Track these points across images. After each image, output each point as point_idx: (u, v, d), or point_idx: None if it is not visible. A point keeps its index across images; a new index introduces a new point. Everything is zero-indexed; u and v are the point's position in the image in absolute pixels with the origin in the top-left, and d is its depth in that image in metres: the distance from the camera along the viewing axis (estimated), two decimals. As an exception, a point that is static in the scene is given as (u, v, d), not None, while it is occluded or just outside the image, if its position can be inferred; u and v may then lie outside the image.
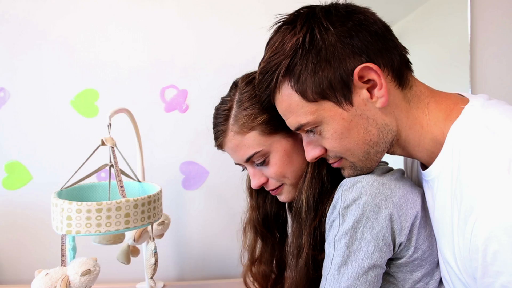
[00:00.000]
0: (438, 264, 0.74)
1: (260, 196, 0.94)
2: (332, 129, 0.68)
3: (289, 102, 0.69)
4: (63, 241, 0.79)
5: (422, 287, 0.73)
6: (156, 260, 0.87)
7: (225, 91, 1.29)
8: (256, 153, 0.80)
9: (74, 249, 0.85)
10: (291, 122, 0.71)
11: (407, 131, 0.70)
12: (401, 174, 0.76)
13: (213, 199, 1.34)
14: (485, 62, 1.39)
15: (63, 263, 0.79)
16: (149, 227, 0.99)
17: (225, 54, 1.31)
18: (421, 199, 0.73)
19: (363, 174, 0.72)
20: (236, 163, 0.88)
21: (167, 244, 1.32)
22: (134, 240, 1.00)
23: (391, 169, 0.77)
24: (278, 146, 0.80)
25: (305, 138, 0.74)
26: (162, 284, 1.28)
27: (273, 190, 0.85)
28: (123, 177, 0.95)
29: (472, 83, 1.38)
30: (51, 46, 1.30)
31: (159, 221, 1.00)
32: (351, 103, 0.67)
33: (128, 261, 1.01)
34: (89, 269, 0.75)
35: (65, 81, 1.31)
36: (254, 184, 0.84)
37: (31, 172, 1.33)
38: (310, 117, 0.68)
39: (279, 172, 0.81)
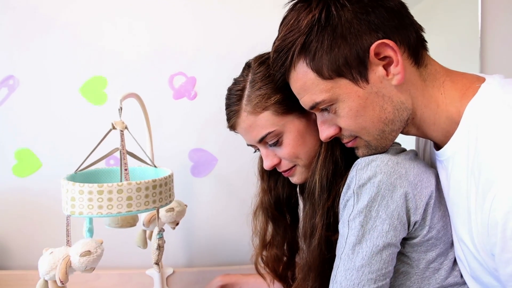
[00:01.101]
0: (452, 244, 0.74)
1: (271, 179, 0.94)
2: (347, 107, 0.68)
3: (304, 80, 0.69)
4: (68, 222, 0.80)
5: (436, 267, 0.73)
6: (160, 246, 0.86)
7: (232, 79, 1.29)
8: (269, 133, 0.80)
9: (90, 231, 0.85)
10: (306, 100, 0.71)
11: (422, 110, 0.70)
12: (415, 154, 0.76)
13: (222, 186, 1.35)
14: (496, 54, 1.37)
15: (68, 243, 0.79)
16: (162, 212, 1.00)
17: (233, 40, 1.31)
18: (435, 179, 0.73)
19: (377, 154, 0.72)
20: (248, 145, 0.88)
21: (176, 230, 1.32)
22: (143, 224, 1.00)
23: (404, 150, 0.76)
24: (292, 127, 0.80)
25: (319, 117, 0.74)
26: (172, 270, 1.28)
27: (285, 171, 0.84)
28: (138, 163, 0.96)
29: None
30: (60, 33, 1.30)
31: (168, 207, 1.00)
32: (366, 81, 0.66)
33: (144, 245, 1.01)
34: (89, 251, 0.75)
35: (74, 69, 1.31)
36: (267, 165, 0.84)
37: (40, 160, 1.33)
38: (325, 95, 0.68)
39: (292, 152, 0.80)
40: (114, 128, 0.89)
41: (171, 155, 1.32)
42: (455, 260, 0.75)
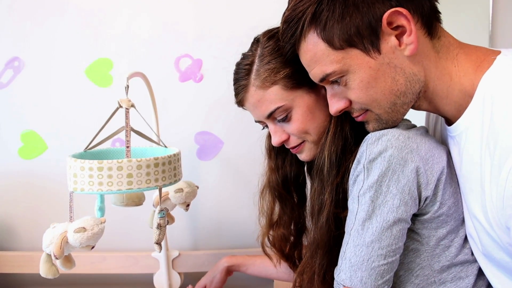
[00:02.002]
0: (463, 221, 0.74)
1: (279, 157, 0.93)
2: (358, 78, 0.67)
3: (315, 51, 0.68)
4: (71, 198, 0.80)
5: (447, 245, 0.72)
6: (160, 226, 0.85)
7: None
8: (278, 108, 0.79)
9: (101, 210, 0.85)
10: (316, 72, 0.70)
11: (435, 82, 0.68)
12: (426, 130, 0.75)
13: (228, 170, 1.34)
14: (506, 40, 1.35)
15: (71, 219, 0.79)
16: (171, 193, 0.99)
17: (239, 21, 1.29)
18: (447, 156, 0.72)
19: (387, 128, 0.71)
20: (256, 121, 0.87)
21: (182, 213, 1.32)
22: (153, 205, 0.99)
23: (414, 126, 0.75)
24: (301, 101, 0.79)
25: (329, 90, 0.73)
26: (177, 253, 1.29)
27: (294, 147, 0.84)
28: (150, 143, 0.95)
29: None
30: (65, 15, 1.29)
31: (176, 188, 0.99)
32: (378, 51, 0.65)
33: None
34: (83, 227, 0.75)
35: (79, 50, 1.30)
36: (275, 141, 0.83)
37: (46, 142, 1.33)
38: (336, 66, 0.67)
39: (301, 128, 0.79)
40: (120, 106, 0.89)
41: (177, 138, 1.32)
42: (465, 238, 0.74)
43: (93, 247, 0.80)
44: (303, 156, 0.84)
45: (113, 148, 1.01)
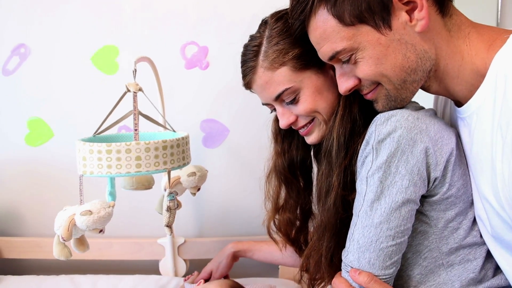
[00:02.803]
0: (472, 203, 0.73)
1: (286, 141, 0.93)
2: (368, 55, 0.66)
3: (324, 28, 0.67)
4: (80, 181, 0.80)
5: (455, 227, 0.72)
6: (170, 208, 0.86)
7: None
8: (286, 89, 0.78)
9: (111, 194, 0.86)
10: (325, 50, 0.69)
11: (446, 61, 0.68)
12: (434, 112, 0.75)
13: (233, 157, 1.34)
14: None
15: (81, 202, 0.80)
16: (183, 177, 0.99)
17: (246, 8, 1.28)
18: (456, 137, 0.72)
19: (397, 108, 0.71)
20: (263, 104, 0.86)
21: (187, 201, 1.33)
22: (164, 189, 1.00)
23: (423, 108, 0.75)
24: (309, 83, 0.78)
25: (338, 69, 0.73)
26: (183, 239, 1.29)
27: (303, 129, 0.84)
28: (159, 128, 0.95)
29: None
30: (71, 2, 1.29)
31: (189, 171, 0.99)
32: (389, 27, 0.65)
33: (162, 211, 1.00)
34: (89, 211, 0.75)
35: (85, 37, 1.30)
36: (283, 123, 0.83)
37: (52, 129, 1.33)
38: (346, 43, 0.66)
39: (309, 108, 0.79)
40: (128, 90, 0.89)
41: (183, 126, 1.30)
42: (474, 220, 0.74)
43: (101, 231, 0.80)
44: (312, 138, 0.84)
45: (121, 133, 1.01)
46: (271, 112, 0.89)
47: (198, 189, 1.03)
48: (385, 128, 0.68)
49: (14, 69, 1.31)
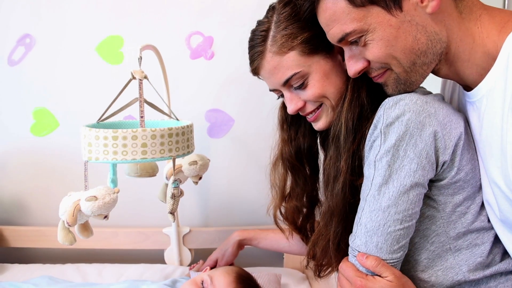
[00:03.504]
0: (479, 188, 0.73)
1: (292, 129, 0.93)
2: (378, 37, 0.66)
3: (334, 9, 0.67)
4: (85, 167, 0.80)
5: (463, 211, 0.72)
6: (174, 195, 0.86)
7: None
8: (295, 74, 0.78)
9: (113, 182, 0.86)
10: (335, 32, 0.69)
11: (457, 44, 0.67)
12: (442, 97, 0.74)
13: (238, 147, 1.34)
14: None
15: (85, 188, 0.80)
16: (185, 165, 0.99)
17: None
18: (464, 122, 0.72)
19: (406, 91, 0.71)
20: (271, 90, 0.86)
21: (192, 190, 1.33)
22: (166, 177, 1.00)
23: (430, 93, 0.75)
24: (318, 67, 0.78)
25: (347, 52, 0.72)
26: (188, 229, 1.30)
27: (311, 114, 0.83)
28: (162, 116, 0.95)
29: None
30: (76, -9, 1.29)
31: (191, 160, 1.00)
32: (400, 8, 0.64)
33: (165, 199, 1.01)
34: (95, 196, 0.75)
35: (90, 28, 1.30)
36: (291, 109, 0.83)
37: (58, 119, 1.34)
38: (356, 25, 0.66)
39: (318, 93, 0.79)
40: (133, 77, 0.89)
41: (188, 116, 1.30)
42: (482, 205, 0.74)
43: (106, 217, 0.80)
44: (320, 124, 0.84)
45: (125, 121, 1.01)
46: (278, 98, 0.89)
47: (200, 178, 1.03)
48: (394, 111, 0.68)
49: (19, 59, 1.32)
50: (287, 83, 0.80)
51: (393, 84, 0.71)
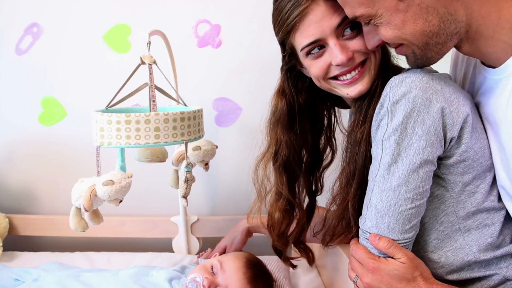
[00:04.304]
0: (489, 168, 0.72)
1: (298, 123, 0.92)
2: (386, 21, 0.65)
3: None
4: (97, 152, 0.80)
5: (472, 190, 0.71)
6: (188, 179, 0.85)
7: (259, 27, 1.26)
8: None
9: (122, 168, 0.86)
10: (347, 12, 0.69)
11: (479, 21, 0.65)
12: (449, 77, 0.73)
13: (246, 136, 1.34)
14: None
15: (98, 173, 0.80)
16: (189, 151, 0.99)
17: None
18: (471, 101, 0.71)
19: (424, 66, 0.70)
20: (310, 43, 0.76)
21: (200, 179, 1.33)
22: (172, 163, 1.00)
23: (437, 72, 0.74)
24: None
25: (364, 27, 0.72)
26: (196, 218, 1.30)
27: (354, 72, 0.77)
28: (169, 102, 0.95)
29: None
30: (83, -20, 1.29)
31: (194, 145, 0.99)
32: None
33: (176, 185, 1.00)
34: (112, 180, 0.75)
35: (98, 16, 1.30)
36: (344, 58, 0.74)
37: (65, 108, 1.34)
38: (364, 10, 0.65)
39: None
40: (143, 62, 0.89)
41: (195, 104, 1.31)
42: (492, 185, 0.73)
43: (121, 201, 0.80)
44: (360, 85, 0.78)
45: (134, 107, 1.01)
46: (310, 54, 0.79)
47: (206, 164, 1.02)
48: (400, 89, 0.67)
49: (27, 48, 1.32)
50: (342, 24, 0.73)
51: (412, 58, 0.70)
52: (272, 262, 1.10)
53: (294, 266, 1.10)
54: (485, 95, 0.72)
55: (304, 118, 0.92)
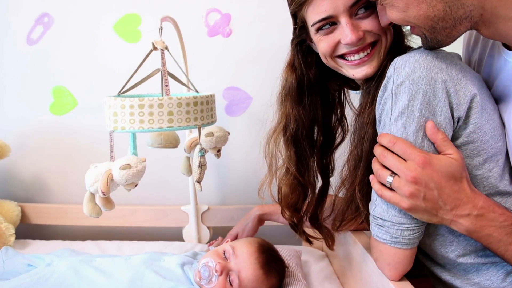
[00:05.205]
0: (502, 151, 0.71)
1: (308, 97, 0.91)
2: (389, 3, 0.64)
3: None
4: (111, 137, 0.80)
5: (485, 174, 0.70)
6: (202, 164, 0.85)
7: (270, 16, 1.26)
8: None
9: (134, 155, 0.86)
10: None
11: (494, 3, 0.63)
12: (459, 57, 0.72)
13: (256, 125, 1.33)
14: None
15: (112, 158, 0.80)
16: (202, 137, 0.99)
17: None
18: (480, 81, 0.70)
19: (435, 48, 0.68)
20: (322, 19, 0.75)
21: (210, 168, 1.33)
22: (185, 150, 1.00)
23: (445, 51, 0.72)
24: None
25: (378, 5, 0.71)
26: (206, 207, 1.30)
27: (363, 53, 0.76)
28: (181, 89, 0.95)
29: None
30: (94, -31, 1.29)
31: (207, 131, 0.99)
32: None
33: (188, 172, 1.00)
34: (129, 164, 0.75)
35: (108, 6, 1.30)
36: (355, 38, 0.73)
37: (76, 98, 1.35)
38: None
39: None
40: (155, 48, 0.89)
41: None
42: (504, 168, 0.71)
43: (136, 185, 0.80)
44: (366, 68, 0.77)
45: (145, 94, 1.01)
46: (320, 30, 0.78)
47: (219, 151, 1.02)
48: (404, 70, 0.65)
49: (38, 38, 1.32)
50: (357, 3, 0.72)
51: (423, 39, 0.69)
52: (283, 250, 1.10)
53: (310, 242, 1.09)
54: (507, 78, 0.71)
55: (313, 93, 0.91)
